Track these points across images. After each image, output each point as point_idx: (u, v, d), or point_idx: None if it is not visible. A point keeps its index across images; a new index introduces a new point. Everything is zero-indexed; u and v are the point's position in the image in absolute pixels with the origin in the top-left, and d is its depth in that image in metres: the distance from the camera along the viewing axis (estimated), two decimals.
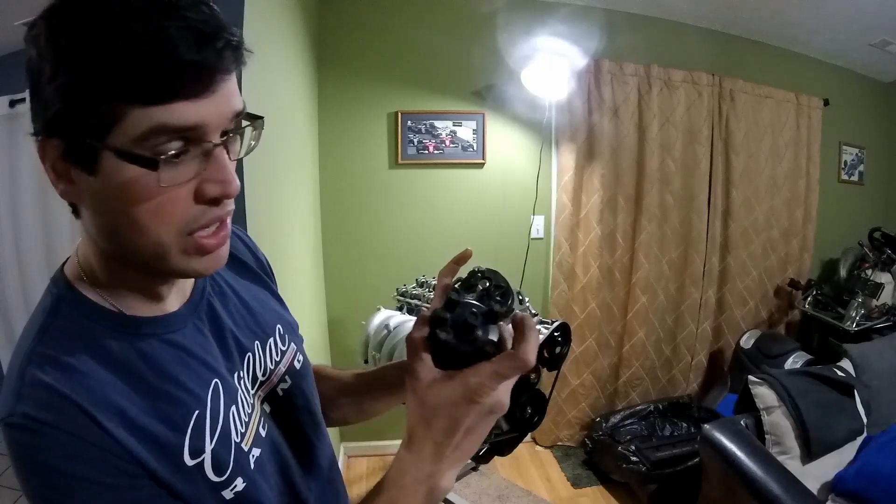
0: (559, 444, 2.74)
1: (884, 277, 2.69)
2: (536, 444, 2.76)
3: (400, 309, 1.95)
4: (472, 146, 2.53)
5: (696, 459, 1.89)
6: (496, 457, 1.20)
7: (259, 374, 0.58)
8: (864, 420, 1.85)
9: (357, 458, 2.65)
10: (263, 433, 0.54)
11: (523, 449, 2.69)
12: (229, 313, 0.58)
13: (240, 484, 0.48)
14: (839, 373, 1.92)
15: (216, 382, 0.50)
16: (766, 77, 2.85)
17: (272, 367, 0.60)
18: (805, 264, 3.07)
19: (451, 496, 1.98)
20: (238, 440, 0.50)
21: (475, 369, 0.44)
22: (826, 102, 3.00)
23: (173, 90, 0.38)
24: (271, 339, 0.62)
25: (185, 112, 0.39)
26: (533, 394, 1.13)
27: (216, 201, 0.43)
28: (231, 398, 0.51)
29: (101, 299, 0.47)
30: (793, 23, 2.67)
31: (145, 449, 0.42)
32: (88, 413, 0.40)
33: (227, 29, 0.41)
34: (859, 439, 1.82)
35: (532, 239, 2.65)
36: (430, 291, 1.91)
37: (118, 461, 0.41)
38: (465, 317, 0.45)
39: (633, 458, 2.25)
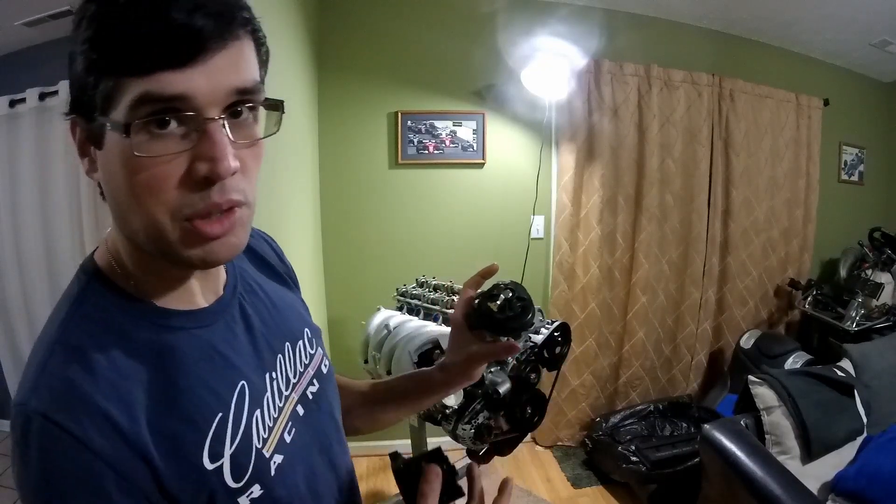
0: (559, 444, 2.74)
1: (884, 277, 2.69)
2: (536, 444, 2.76)
3: (400, 309, 1.95)
4: (472, 146, 2.53)
5: (696, 459, 1.88)
6: (496, 457, 1.19)
7: (291, 376, 0.57)
8: (864, 420, 1.85)
9: (357, 458, 2.63)
10: (288, 439, 0.52)
11: (523, 449, 2.69)
12: (260, 313, 0.56)
13: (256, 491, 0.47)
14: (839, 373, 1.92)
15: (242, 385, 0.49)
16: (766, 77, 2.85)
17: (301, 370, 0.59)
18: (805, 264, 3.07)
19: None
20: (259, 446, 0.48)
21: None
22: (826, 102, 3.00)
23: (158, 57, 0.37)
24: (300, 342, 0.61)
25: (169, 81, 0.38)
26: (533, 394, 1.13)
27: (207, 182, 0.40)
28: (256, 402, 0.50)
29: (130, 288, 0.46)
30: (793, 23, 2.67)
31: (161, 449, 0.41)
32: (105, 412, 0.39)
33: (234, 2, 0.41)
34: (859, 439, 1.82)
35: (532, 239, 2.65)
36: (430, 291, 1.91)
37: (118, 475, 0.39)
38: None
39: (633, 458, 2.25)
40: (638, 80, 2.58)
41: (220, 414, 0.46)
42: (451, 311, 1.73)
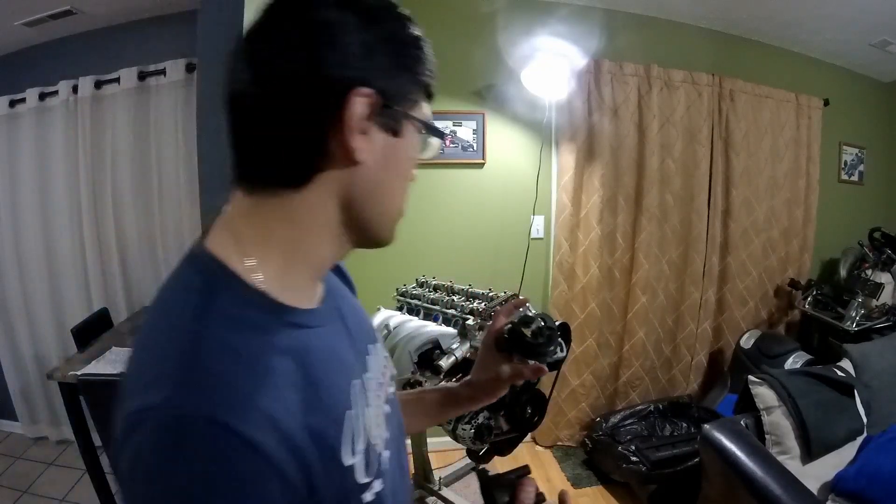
0: (559, 444, 2.74)
1: (884, 277, 2.69)
2: (536, 444, 2.76)
3: (400, 309, 1.95)
4: (472, 146, 2.53)
5: (696, 459, 1.88)
6: (496, 457, 1.19)
7: (378, 376, 0.58)
8: (864, 420, 1.85)
9: None
10: (387, 436, 0.54)
11: (523, 449, 2.69)
12: (349, 315, 0.58)
13: (378, 485, 0.47)
14: (839, 373, 1.92)
15: (357, 382, 0.50)
16: (766, 77, 2.85)
17: (383, 370, 0.60)
18: (805, 264, 3.07)
19: (451, 496, 1.98)
20: (375, 442, 0.49)
21: None
22: (826, 102, 3.00)
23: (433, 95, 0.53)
24: (377, 344, 0.62)
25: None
26: (533, 394, 1.13)
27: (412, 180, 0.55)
28: (366, 399, 0.51)
29: (254, 282, 0.43)
30: (793, 23, 2.67)
31: (314, 449, 0.40)
32: (268, 413, 0.37)
33: None
34: (859, 439, 1.82)
35: (532, 239, 2.65)
36: (430, 291, 1.91)
37: (283, 480, 0.37)
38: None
39: (633, 458, 2.25)
40: (638, 80, 2.58)
41: (349, 411, 0.46)
42: (451, 310, 1.73)
